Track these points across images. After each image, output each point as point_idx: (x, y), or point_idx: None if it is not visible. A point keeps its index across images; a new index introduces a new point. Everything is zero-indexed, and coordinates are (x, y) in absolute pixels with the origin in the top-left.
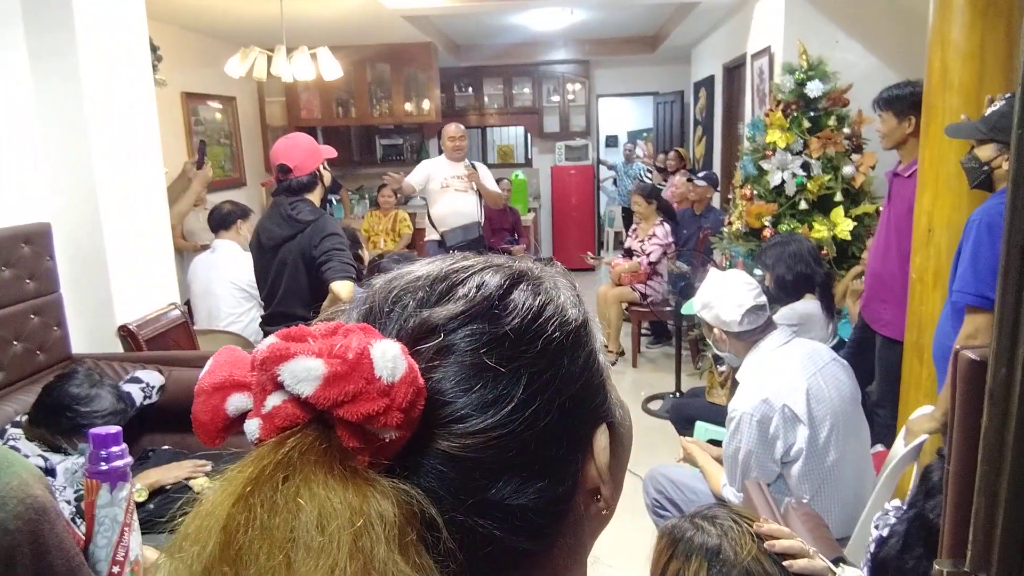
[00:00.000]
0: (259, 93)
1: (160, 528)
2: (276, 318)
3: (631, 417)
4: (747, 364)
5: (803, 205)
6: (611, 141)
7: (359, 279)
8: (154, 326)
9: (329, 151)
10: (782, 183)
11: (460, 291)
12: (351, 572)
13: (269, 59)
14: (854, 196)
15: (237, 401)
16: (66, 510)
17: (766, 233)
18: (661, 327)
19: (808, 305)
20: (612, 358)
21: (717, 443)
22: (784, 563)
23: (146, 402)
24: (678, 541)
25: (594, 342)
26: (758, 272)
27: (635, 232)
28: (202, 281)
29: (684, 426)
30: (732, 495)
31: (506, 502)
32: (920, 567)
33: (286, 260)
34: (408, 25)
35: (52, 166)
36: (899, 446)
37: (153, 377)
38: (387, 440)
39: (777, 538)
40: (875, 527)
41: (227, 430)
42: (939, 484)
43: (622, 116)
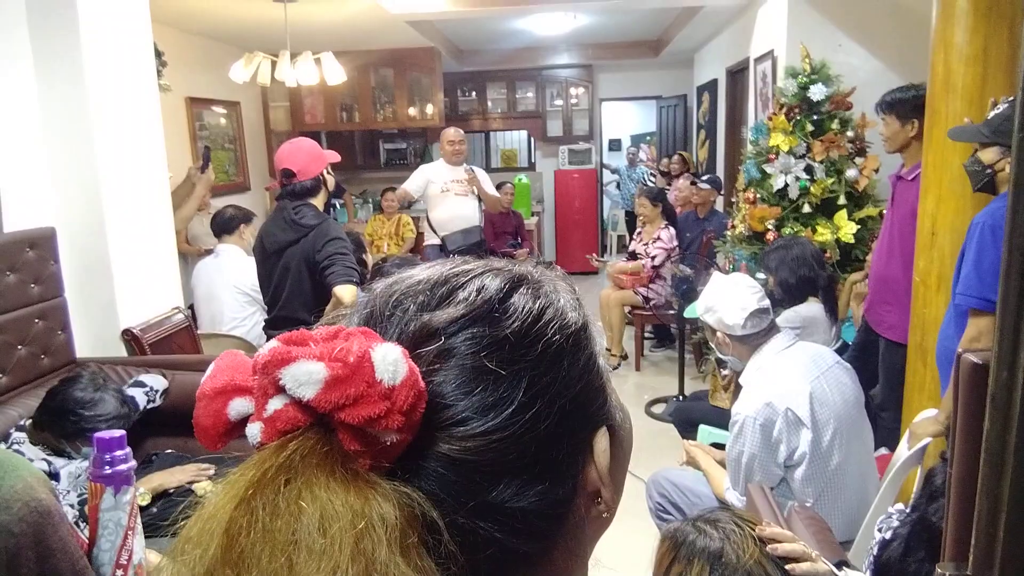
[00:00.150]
0: (263, 98)
1: (163, 531)
2: (279, 322)
3: (632, 420)
4: (750, 368)
5: (806, 208)
6: (614, 145)
7: (362, 283)
8: (158, 330)
9: (333, 155)
10: (785, 186)
11: (460, 295)
12: (353, 574)
13: (273, 64)
14: (857, 199)
15: (239, 405)
16: (70, 514)
17: (769, 236)
18: (664, 330)
19: (811, 308)
20: (615, 361)
21: (720, 447)
22: (787, 567)
23: (150, 406)
24: (680, 545)
25: (594, 345)
26: (761, 275)
27: (639, 235)
28: (206, 285)
29: (687, 429)
30: (735, 499)
31: (507, 505)
32: (923, 570)
33: (289, 264)
34: (412, 30)
35: (57, 171)
36: (903, 449)
37: (157, 381)
38: (388, 443)
39: (779, 542)
40: (878, 530)
41: (229, 434)
42: (942, 487)
43: (625, 120)
